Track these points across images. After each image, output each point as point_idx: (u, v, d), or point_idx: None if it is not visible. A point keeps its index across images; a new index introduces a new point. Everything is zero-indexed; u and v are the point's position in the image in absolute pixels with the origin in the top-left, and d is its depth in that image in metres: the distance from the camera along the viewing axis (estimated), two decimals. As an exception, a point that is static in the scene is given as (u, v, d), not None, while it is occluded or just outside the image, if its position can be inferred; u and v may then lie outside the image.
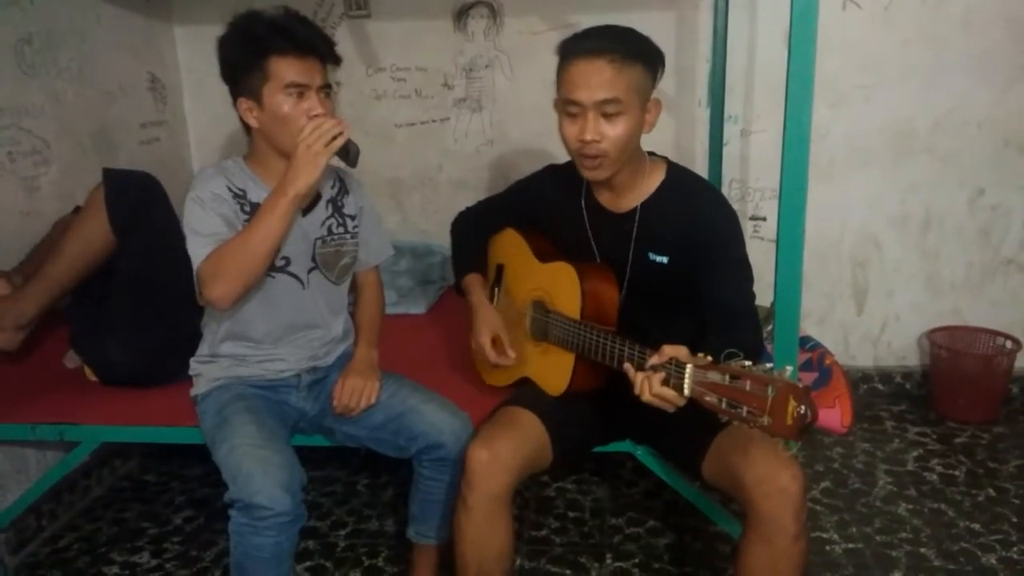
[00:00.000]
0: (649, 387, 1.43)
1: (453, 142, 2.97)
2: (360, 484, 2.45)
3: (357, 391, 1.78)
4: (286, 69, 1.63)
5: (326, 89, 1.69)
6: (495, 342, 1.85)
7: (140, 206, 1.99)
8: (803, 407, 1.23)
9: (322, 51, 1.68)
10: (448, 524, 1.77)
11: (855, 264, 2.88)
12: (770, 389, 1.25)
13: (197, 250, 1.63)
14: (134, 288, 2.00)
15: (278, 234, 1.60)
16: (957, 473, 2.41)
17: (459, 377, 2.09)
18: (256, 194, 1.72)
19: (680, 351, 1.41)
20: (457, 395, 1.87)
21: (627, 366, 1.50)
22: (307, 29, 1.67)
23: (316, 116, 1.62)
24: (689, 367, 1.37)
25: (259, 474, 1.55)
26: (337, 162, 1.68)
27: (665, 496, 2.30)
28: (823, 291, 2.90)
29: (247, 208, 1.71)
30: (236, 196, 1.71)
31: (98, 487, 2.47)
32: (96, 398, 2.05)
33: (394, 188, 3.03)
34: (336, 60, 1.73)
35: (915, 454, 2.53)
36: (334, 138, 1.58)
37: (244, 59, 1.65)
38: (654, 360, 1.44)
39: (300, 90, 1.64)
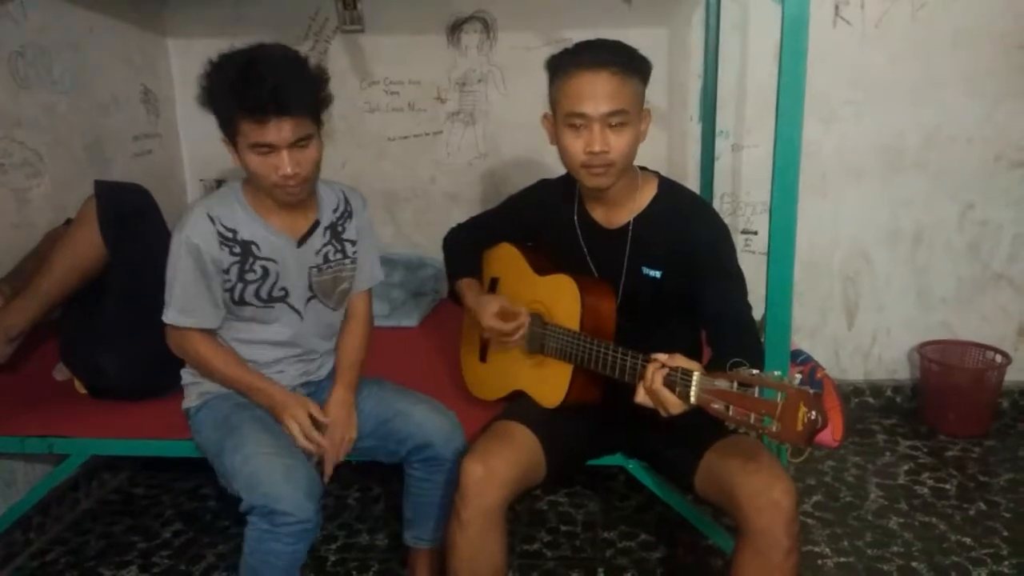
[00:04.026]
0: (653, 381, 1.42)
1: (446, 155, 2.98)
2: (350, 498, 2.44)
3: (335, 446, 1.76)
4: (249, 130, 1.54)
5: (302, 142, 1.57)
6: (502, 314, 1.79)
7: (132, 219, 1.99)
8: (813, 412, 1.24)
9: (293, 107, 1.53)
10: (443, 527, 1.76)
11: (846, 278, 2.89)
12: (780, 395, 1.26)
13: (167, 312, 1.71)
14: (125, 301, 1.99)
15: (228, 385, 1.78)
16: (948, 487, 2.41)
17: (451, 389, 2.09)
18: (248, 230, 1.69)
19: (693, 364, 1.42)
20: (449, 408, 1.86)
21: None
22: (276, 82, 1.50)
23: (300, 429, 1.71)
24: (696, 374, 1.38)
25: (283, 481, 1.56)
26: (332, 186, 1.67)
27: (657, 510, 2.29)
28: (814, 305, 2.91)
29: (236, 250, 1.69)
30: (224, 241, 1.68)
31: (87, 500, 2.45)
32: (85, 410, 2.04)
33: (387, 201, 3.04)
34: (314, 109, 1.60)
35: (906, 468, 2.53)
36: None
37: (215, 112, 1.59)
38: (664, 358, 1.44)
39: (268, 149, 1.56)
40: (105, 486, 2.53)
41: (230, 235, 1.69)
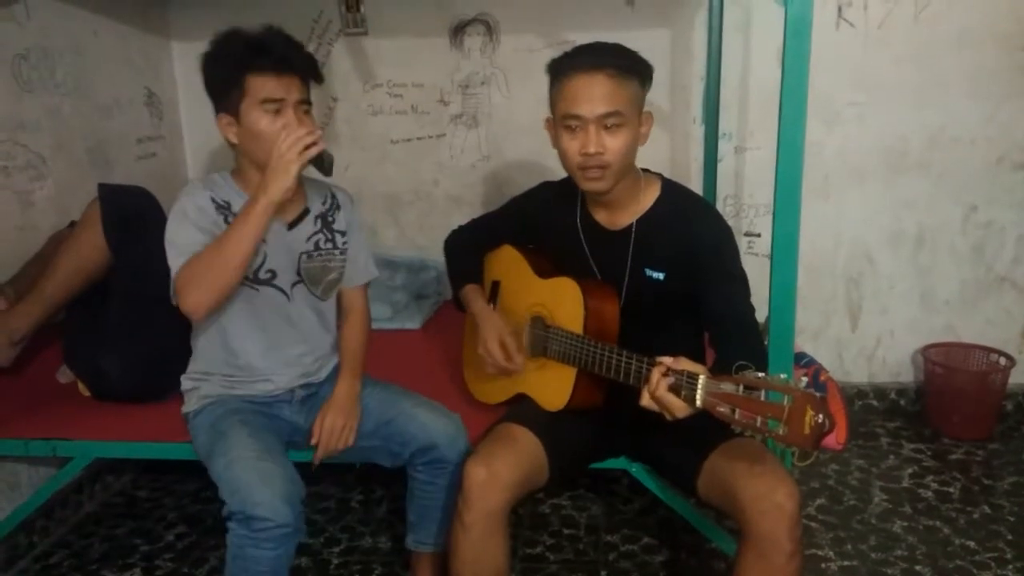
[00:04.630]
0: (658, 386, 1.43)
1: (449, 158, 2.98)
2: (354, 500, 2.44)
3: (336, 431, 1.77)
4: (261, 85, 1.63)
5: (305, 105, 1.69)
6: (503, 347, 1.82)
7: (135, 221, 1.99)
8: (820, 416, 1.24)
9: (300, 67, 1.68)
10: (446, 531, 1.76)
11: (849, 280, 2.89)
12: (786, 399, 1.26)
13: (174, 261, 1.64)
14: (128, 303, 2.00)
15: (250, 243, 1.60)
16: (952, 490, 2.41)
17: (454, 392, 2.09)
18: (240, 206, 1.72)
19: (698, 367, 1.42)
20: (452, 411, 1.86)
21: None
22: (285, 45, 1.67)
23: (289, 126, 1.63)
24: (702, 378, 1.38)
25: (260, 486, 1.55)
26: (315, 174, 1.68)
27: (660, 513, 2.29)
28: (817, 307, 2.91)
29: (230, 219, 1.71)
30: (220, 208, 1.72)
31: (90, 503, 2.45)
32: (89, 413, 2.04)
33: (390, 203, 3.04)
34: (317, 77, 1.73)
35: (910, 471, 2.52)
36: (308, 147, 1.58)
37: (223, 76, 1.66)
38: (669, 362, 1.44)
39: (276, 106, 1.64)
40: (108, 489, 2.53)
41: (224, 205, 1.72)
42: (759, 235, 2.85)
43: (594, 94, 1.57)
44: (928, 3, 2.62)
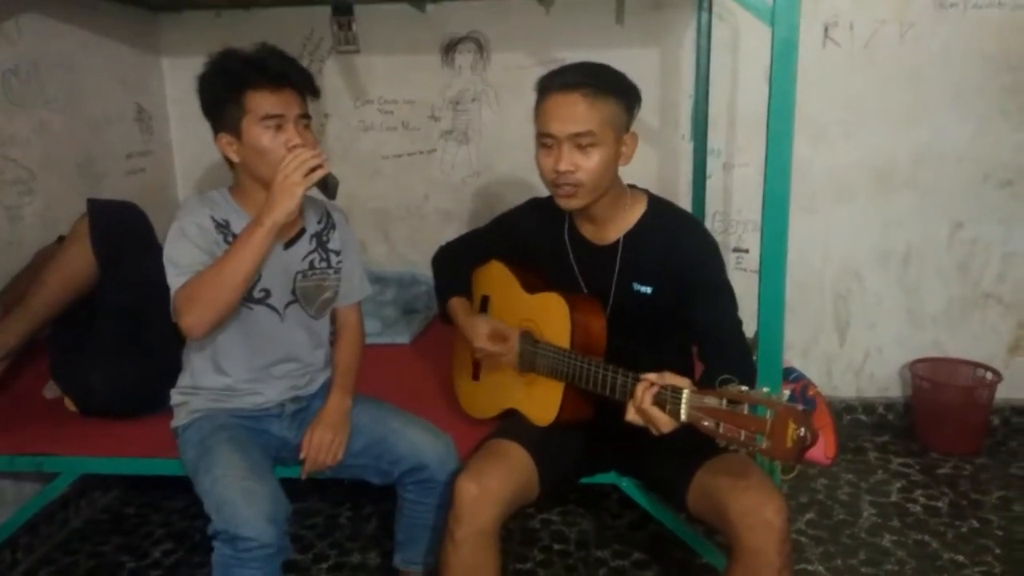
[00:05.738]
0: (643, 400, 1.43)
1: (440, 173, 2.99)
2: (342, 516, 2.43)
3: (325, 445, 1.77)
4: (261, 101, 1.64)
5: (305, 119, 1.70)
6: (494, 337, 1.82)
7: (124, 237, 1.99)
8: (802, 429, 1.25)
9: (297, 82, 1.69)
10: (434, 550, 1.75)
11: (837, 296, 2.91)
12: (769, 412, 1.27)
13: (174, 280, 1.64)
14: (116, 319, 1.99)
15: (252, 264, 1.60)
16: (940, 504, 2.42)
17: (443, 407, 2.09)
18: (239, 225, 1.72)
19: (683, 382, 1.43)
20: (441, 426, 1.86)
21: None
22: (281, 62, 1.68)
23: (295, 146, 1.62)
24: (686, 392, 1.38)
25: (244, 505, 1.54)
26: (317, 194, 1.68)
27: (650, 528, 2.29)
28: (806, 323, 2.93)
29: (229, 239, 1.71)
30: (219, 226, 1.71)
31: (76, 519, 2.43)
32: (76, 429, 2.03)
33: (381, 219, 3.05)
34: (314, 91, 1.74)
35: (899, 485, 2.53)
36: (313, 169, 1.58)
37: (222, 95, 1.66)
38: (653, 377, 1.45)
39: (277, 121, 1.65)
40: (94, 505, 2.51)
41: (224, 224, 1.72)
42: (747, 251, 2.87)
43: (567, 113, 1.58)
44: (913, 23, 2.66)
